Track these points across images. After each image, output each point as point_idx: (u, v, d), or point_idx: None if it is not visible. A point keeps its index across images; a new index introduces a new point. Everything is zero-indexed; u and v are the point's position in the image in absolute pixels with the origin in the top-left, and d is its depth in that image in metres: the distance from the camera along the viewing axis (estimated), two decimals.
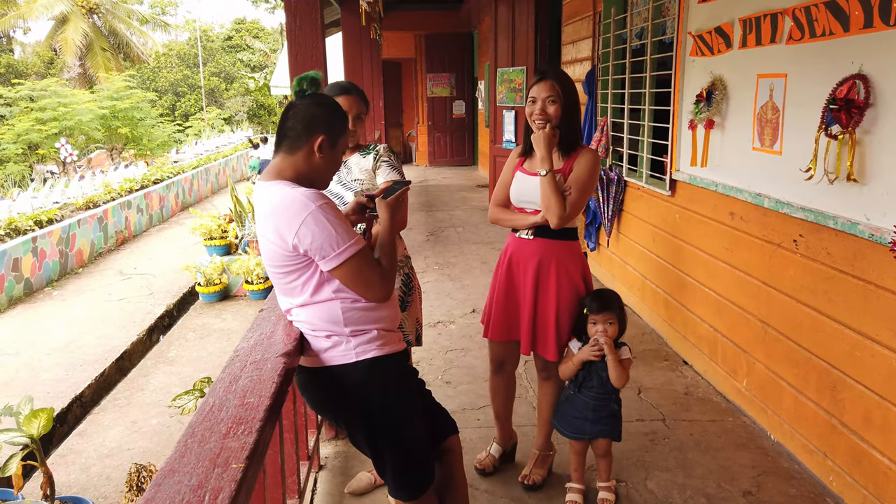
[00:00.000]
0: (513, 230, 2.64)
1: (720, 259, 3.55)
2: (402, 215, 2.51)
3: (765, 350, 3.15)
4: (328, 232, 1.72)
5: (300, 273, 1.78)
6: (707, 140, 3.59)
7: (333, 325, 1.81)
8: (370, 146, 2.62)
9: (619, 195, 5.04)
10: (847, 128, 2.44)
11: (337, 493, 2.71)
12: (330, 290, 1.80)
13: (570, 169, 2.50)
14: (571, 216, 2.46)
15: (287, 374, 1.62)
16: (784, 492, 2.70)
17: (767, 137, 3.05)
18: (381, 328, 1.86)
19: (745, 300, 3.32)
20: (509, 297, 2.63)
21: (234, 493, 1.05)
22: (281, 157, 1.83)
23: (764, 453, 2.99)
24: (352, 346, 1.81)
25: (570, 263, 2.55)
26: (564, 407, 2.60)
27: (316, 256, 1.74)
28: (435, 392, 3.71)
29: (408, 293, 2.57)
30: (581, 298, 2.55)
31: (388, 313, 1.90)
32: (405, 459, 1.88)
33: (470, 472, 2.82)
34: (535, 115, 2.49)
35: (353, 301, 1.82)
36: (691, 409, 3.41)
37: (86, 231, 8.00)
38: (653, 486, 2.74)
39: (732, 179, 3.37)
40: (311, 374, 1.86)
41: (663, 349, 4.22)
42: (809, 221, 2.76)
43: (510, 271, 2.62)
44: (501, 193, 2.67)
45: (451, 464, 2.08)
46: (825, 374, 2.71)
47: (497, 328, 2.66)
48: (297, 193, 1.74)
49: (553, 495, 2.68)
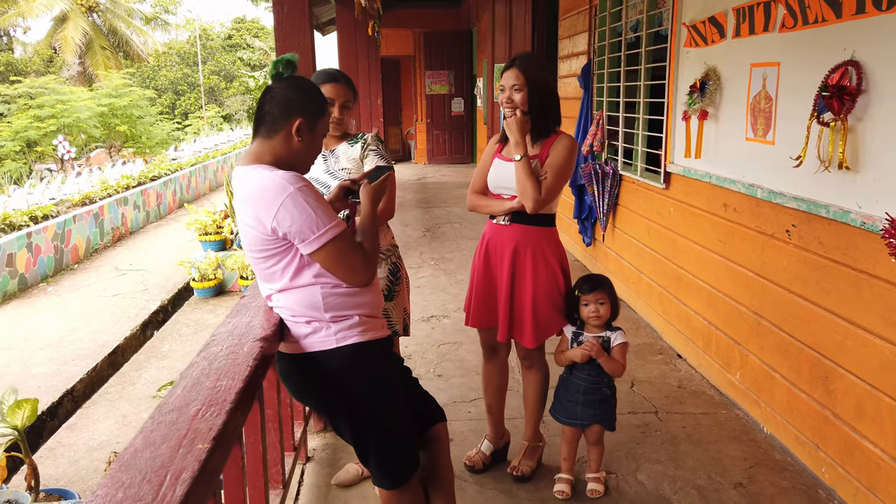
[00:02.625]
0: (490, 217, 2.62)
1: (714, 251, 3.52)
2: (389, 204, 2.48)
3: (758, 342, 3.12)
4: (308, 214, 1.69)
5: (280, 257, 1.76)
6: (701, 131, 3.56)
7: (313, 311, 1.78)
8: (358, 135, 2.59)
9: (615, 189, 5.02)
10: (839, 115, 2.41)
11: (324, 484, 2.69)
12: (310, 275, 1.77)
13: (546, 154, 2.49)
14: (547, 201, 2.44)
15: (264, 358, 1.59)
16: (776, 484, 2.67)
17: (760, 127, 3.02)
18: (363, 314, 1.84)
19: (738, 292, 3.29)
20: (487, 283, 2.61)
21: (197, 473, 1.02)
22: (259, 142, 1.80)
23: (756, 445, 2.96)
24: (332, 332, 1.79)
25: (546, 249, 2.52)
26: (559, 390, 2.58)
27: (295, 240, 1.71)
28: (427, 385, 3.69)
29: (395, 282, 2.54)
30: (558, 285, 2.53)
31: (371, 299, 1.87)
32: (388, 447, 1.85)
33: (459, 466, 2.80)
34: (503, 102, 2.49)
35: (334, 286, 1.79)
36: (684, 402, 3.38)
37: (81, 227, 7.98)
38: (643, 478, 2.71)
39: (726, 170, 3.34)
40: (291, 360, 1.83)
41: (658, 343, 4.19)
42: (802, 211, 2.73)
43: (487, 258, 2.60)
44: (479, 180, 2.66)
45: (437, 452, 2.05)
46: (817, 365, 2.68)
47: (477, 315, 2.64)
48: (275, 176, 1.71)
49: (542, 487, 2.66)
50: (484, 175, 2.64)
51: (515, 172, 2.44)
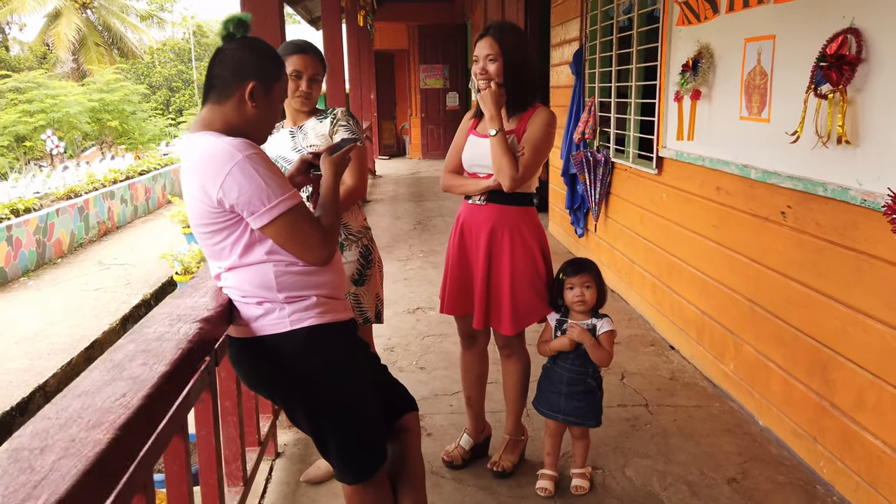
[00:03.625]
0: (465, 197, 2.47)
1: (707, 237, 3.37)
2: (359, 182, 2.33)
3: (753, 331, 2.97)
4: (257, 184, 1.54)
5: (228, 232, 1.61)
6: (693, 112, 3.42)
7: (265, 291, 1.63)
8: (328, 110, 2.44)
9: (607, 178, 4.87)
10: (838, 86, 2.26)
11: (293, 481, 2.54)
12: (262, 252, 1.62)
13: (523, 129, 2.34)
14: (525, 178, 2.30)
15: (203, 342, 1.44)
16: (771, 479, 2.53)
17: (755, 104, 2.87)
18: (322, 294, 1.69)
19: (732, 279, 3.14)
20: (463, 267, 2.46)
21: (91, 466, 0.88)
22: (209, 108, 1.65)
23: (751, 439, 2.82)
24: (286, 314, 1.64)
25: (525, 230, 2.38)
26: (542, 381, 2.44)
27: (244, 212, 1.56)
28: (408, 377, 3.57)
29: (367, 266, 2.39)
30: (538, 269, 2.39)
31: (331, 279, 1.72)
32: (350, 438, 1.70)
33: (437, 461, 2.65)
34: (477, 74, 2.34)
35: (289, 264, 1.64)
36: (676, 395, 3.24)
37: (65, 221, 7.82)
38: (631, 474, 2.57)
39: (719, 152, 3.20)
40: (242, 345, 1.68)
41: (650, 334, 4.05)
42: (798, 191, 2.58)
43: (462, 240, 2.45)
44: (453, 159, 2.51)
45: (406, 443, 1.90)
46: (815, 354, 2.54)
47: (452, 302, 2.49)
48: (222, 143, 1.56)
49: (524, 483, 2.51)
50: (458, 153, 2.49)
51: (491, 149, 2.29)
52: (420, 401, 3.20)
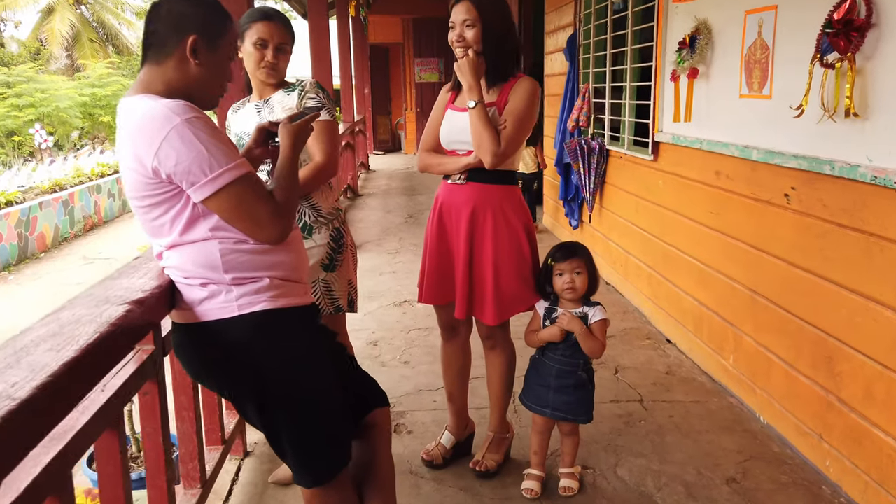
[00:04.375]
0: (444, 177, 2.29)
1: (706, 224, 3.20)
2: (329, 158, 2.16)
3: (753, 322, 2.80)
4: (198, 151, 1.37)
5: (167, 206, 1.43)
6: (690, 91, 3.24)
7: (210, 271, 1.46)
8: (296, 82, 2.27)
9: (602, 166, 4.69)
10: (846, 54, 2.09)
11: (261, 482, 2.37)
12: (206, 228, 1.45)
13: (505, 101, 2.17)
14: (508, 153, 2.12)
15: (131, 327, 1.27)
16: (773, 479, 2.36)
17: (756, 81, 2.70)
18: (276, 276, 1.51)
19: (732, 268, 2.97)
20: (442, 252, 2.28)
21: None
22: (147, 69, 1.48)
23: (752, 436, 2.65)
24: (233, 297, 1.46)
25: (508, 211, 2.20)
26: (530, 374, 2.27)
27: (183, 183, 1.39)
28: (392, 372, 3.40)
29: (338, 250, 2.22)
30: (523, 253, 2.22)
31: (287, 259, 1.55)
32: (306, 436, 1.53)
33: (417, 461, 2.48)
34: (454, 42, 2.16)
35: (237, 242, 1.47)
36: (672, 390, 3.07)
37: (49, 214, 7.64)
38: (623, 473, 2.40)
39: (718, 133, 3.02)
40: (184, 332, 1.51)
41: (646, 327, 3.88)
42: (803, 170, 2.41)
43: (441, 223, 2.28)
44: (430, 136, 2.33)
45: (374, 442, 1.73)
46: (820, 345, 2.37)
47: (431, 290, 2.31)
48: (159, 105, 1.39)
49: (509, 483, 2.34)
50: (435, 129, 2.32)
51: (470, 122, 2.12)
52: (402, 397, 3.05)
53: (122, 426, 1.45)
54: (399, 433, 2.71)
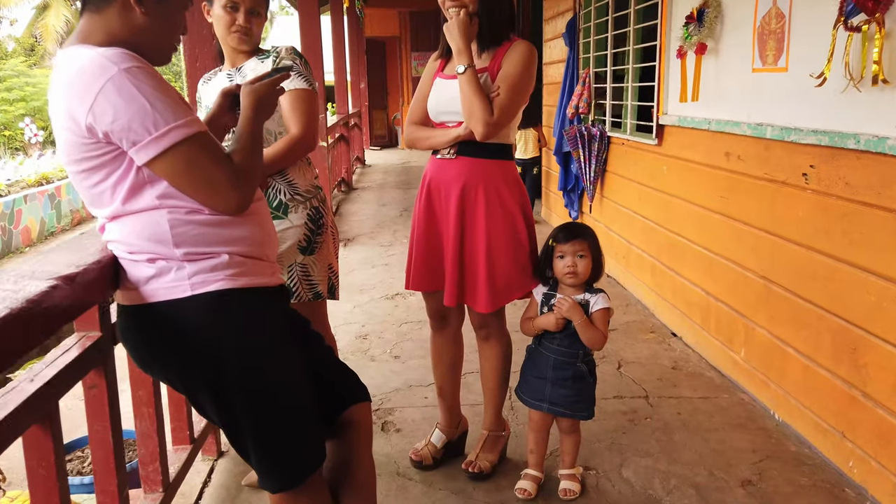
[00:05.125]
0: (433, 152, 2.10)
1: (714, 210, 3.02)
2: (307, 129, 1.97)
3: (767, 312, 2.62)
4: (139, 106, 1.18)
5: (107, 170, 1.24)
6: (698, 69, 3.05)
7: (158, 245, 1.27)
8: (271, 49, 2.08)
9: (602, 154, 4.50)
10: (874, 15, 1.90)
11: (233, 485, 2.18)
12: (152, 196, 1.26)
13: (498, 67, 1.97)
14: (502, 123, 1.93)
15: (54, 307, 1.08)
16: (792, 481, 2.17)
17: (770, 53, 2.51)
18: (237, 252, 1.32)
19: (743, 255, 2.78)
20: (430, 235, 2.09)
21: None
22: (86, 19, 1.28)
23: (766, 435, 2.46)
24: (185, 275, 1.27)
25: (503, 188, 2.01)
26: (526, 365, 2.08)
27: (124, 143, 1.20)
28: (381, 367, 3.20)
29: (317, 232, 2.03)
30: (518, 235, 2.03)
31: (249, 233, 1.36)
32: (271, 435, 1.35)
33: (405, 462, 2.29)
34: (446, 1, 1.97)
35: (189, 212, 1.28)
36: (679, 385, 2.88)
37: (34, 208, 7.44)
38: (629, 475, 2.21)
39: (728, 112, 2.84)
40: (130, 315, 1.31)
41: (649, 320, 3.69)
42: (823, 146, 2.22)
43: (429, 202, 2.09)
44: (418, 107, 2.14)
45: (352, 441, 1.54)
46: (842, 335, 2.18)
47: (419, 276, 2.12)
48: (95, 54, 1.20)
49: (504, 486, 2.15)
50: (423, 100, 2.12)
51: (460, 89, 1.92)
52: (391, 393, 2.86)
53: (58, 422, 1.26)
54: (387, 432, 2.52)
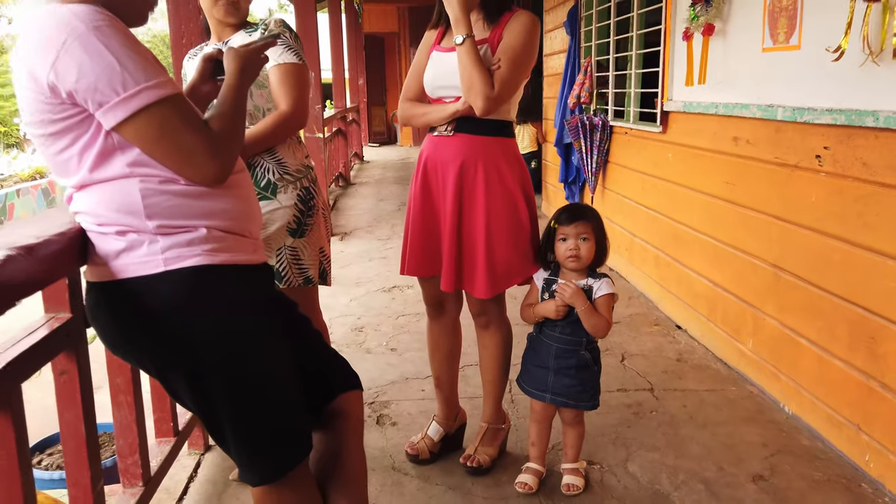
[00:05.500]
0: (430, 130, 2.00)
1: (721, 198, 2.92)
2: (297, 105, 1.87)
3: (777, 302, 2.52)
4: (107, 64, 1.08)
5: (73, 135, 1.14)
6: (705, 50, 2.95)
7: (128, 217, 1.17)
8: (259, 22, 1.98)
9: (605, 144, 4.40)
10: None
11: (221, 479, 2.08)
12: (123, 163, 1.16)
13: (499, 38, 1.87)
14: (503, 98, 1.83)
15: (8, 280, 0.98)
16: (805, 475, 2.08)
17: (782, 31, 2.41)
18: (216, 226, 1.22)
19: (752, 243, 2.68)
20: (427, 217, 1.98)
21: None
22: None
23: (777, 428, 2.36)
24: (158, 249, 1.17)
25: (503, 166, 1.91)
26: (527, 354, 1.98)
27: (90, 104, 1.10)
28: (377, 359, 3.10)
29: (307, 213, 1.93)
30: (520, 217, 1.93)
31: (231, 206, 1.26)
32: (252, 425, 1.25)
33: (401, 456, 2.20)
34: None
35: (164, 181, 1.18)
36: (685, 378, 2.78)
37: (27, 202, 7.34)
38: (635, 469, 2.11)
39: (737, 94, 2.74)
40: (99, 292, 1.21)
41: (653, 313, 3.59)
42: (838, 126, 2.12)
43: (426, 182, 1.98)
44: (413, 82, 2.04)
45: (342, 432, 1.44)
46: (859, 324, 2.08)
47: (416, 260, 2.01)
48: (61, 10, 1.10)
49: (504, 482, 2.05)
50: (419, 74, 2.02)
51: (458, 61, 1.82)
52: (387, 385, 2.76)
53: (20, 408, 1.16)
54: (382, 425, 2.43)
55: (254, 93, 1.90)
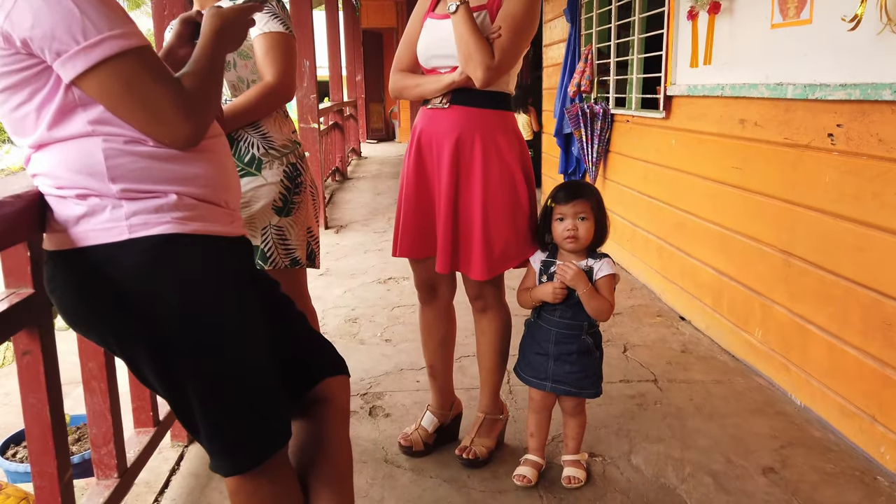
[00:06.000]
0: (423, 102, 1.90)
1: (727, 183, 2.82)
2: (284, 76, 1.77)
3: (786, 289, 2.42)
4: (66, 11, 0.98)
5: (31, 89, 1.04)
6: (711, 30, 2.85)
7: (90, 179, 1.07)
8: None
9: (605, 133, 4.30)
10: None
11: (204, 473, 1.97)
12: (84, 121, 1.06)
13: (498, 4, 1.76)
14: (503, 68, 1.73)
15: None
16: (818, 468, 1.98)
17: (792, 5, 2.31)
18: (188, 193, 1.12)
19: (759, 229, 2.59)
20: (420, 194, 1.88)
21: None
22: None
23: (787, 420, 2.27)
24: (122, 215, 1.07)
25: (502, 141, 1.81)
26: (525, 340, 1.88)
27: (47, 54, 1.00)
28: (371, 350, 2.99)
29: (294, 191, 1.82)
30: (518, 194, 1.83)
31: (205, 172, 1.15)
32: (219, 409, 1.14)
33: (394, 448, 2.10)
34: None
35: (130, 141, 1.08)
36: (690, 369, 2.68)
37: None
38: (639, 462, 2.01)
39: (744, 74, 2.64)
40: (57, 262, 1.11)
41: (656, 304, 3.49)
42: (853, 101, 2.03)
43: (419, 158, 1.87)
44: (405, 52, 1.92)
45: (324, 419, 1.33)
46: (874, 309, 1.98)
47: (407, 241, 1.91)
48: None
49: (501, 474, 1.95)
50: (412, 44, 1.91)
51: (454, 30, 1.72)
52: (381, 376, 2.66)
53: None
54: (375, 417, 2.33)
55: (238, 63, 1.80)
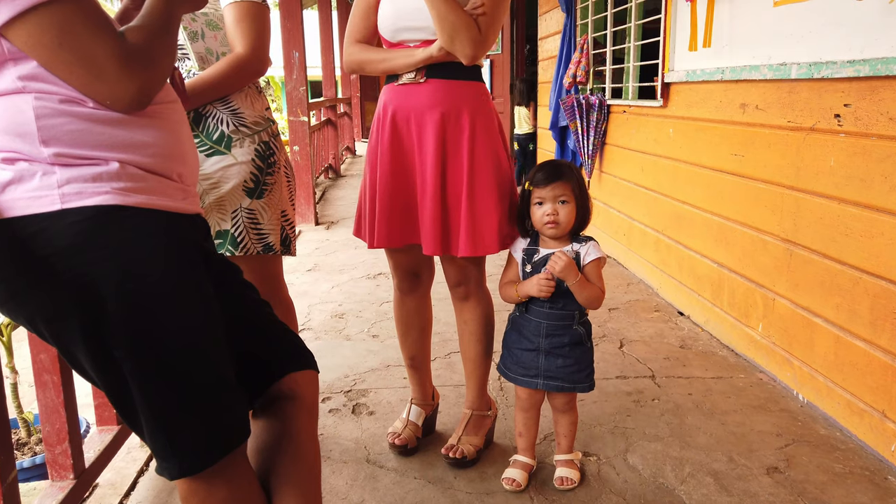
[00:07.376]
0: (390, 79, 1.75)
1: (727, 171, 2.71)
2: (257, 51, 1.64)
3: (789, 280, 2.31)
4: None
5: None
6: (710, 11, 2.74)
7: (17, 141, 0.95)
8: None
9: (602, 124, 4.19)
10: None
11: None
12: (13, 76, 0.94)
13: None
14: (490, 42, 1.62)
15: None
16: (825, 467, 1.86)
17: None
18: (133, 162, 1.00)
19: (761, 217, 2.48)
20: (398, 177, 1.73)
21: None
22: None
23: (791, 417, 2.15)
24: (54, 183, 0.95)
25: (485, 113, 1.70)
26: (510, 336, 1.76)
27: None
28: (357, 346, 2.87)
29: (266, 171, 1.71)
30: (503, 168, 1.71)
31: (154, 140, 1.03)
32: (164, 405, 1.02)
33: (376, 447, 1.98)
34: None
35: (66, 100, 0.96)
36: (689, 365, 2.57)
37: None
38: (636, 461, 1.90)
39: (745, 56, 2.53)
40: None
41: (653, 299, 3.38)
42: (861, 78, 1.92)
43: (396, 137, 1.72)
44: (359, 22, 1.74)
45: (287, 417, 1.21)
46: (884, 299, 1.87)
47: (386, 228, 1.74)
48: None
49: (490, 475, 1.83)
50: (369, 13, 1.74)
51: (431, 5, 1.57)
52: (366, 373, 2.54)
53: None
54: (358, 415, 2.21)
55: (206, 34, 1.69)
